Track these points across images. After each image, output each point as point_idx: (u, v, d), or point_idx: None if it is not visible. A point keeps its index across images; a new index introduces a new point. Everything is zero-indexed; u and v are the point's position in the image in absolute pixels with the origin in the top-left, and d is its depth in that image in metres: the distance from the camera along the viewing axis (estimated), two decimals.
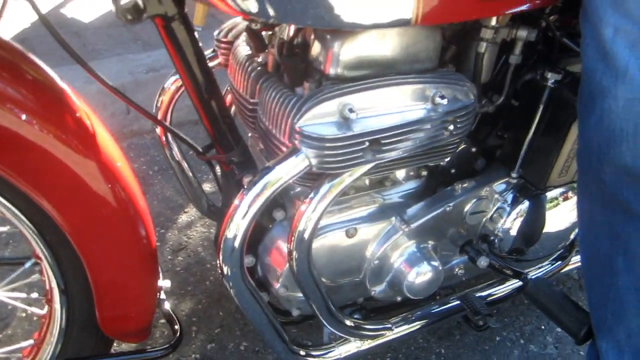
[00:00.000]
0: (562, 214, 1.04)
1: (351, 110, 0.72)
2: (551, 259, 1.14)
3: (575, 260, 1.17)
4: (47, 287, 0.83)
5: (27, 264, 0.85)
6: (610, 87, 0.68)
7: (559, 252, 1.13)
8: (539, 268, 1.14)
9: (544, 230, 1.03)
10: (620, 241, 0.75)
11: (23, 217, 0.73)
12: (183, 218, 1.52)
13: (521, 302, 1.31)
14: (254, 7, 0.65)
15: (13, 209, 0.72)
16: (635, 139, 0.68)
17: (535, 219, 1.01)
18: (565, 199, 1.03)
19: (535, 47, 0.92)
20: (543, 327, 1.27)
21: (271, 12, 0.65)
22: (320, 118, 0.72)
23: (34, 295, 0.97)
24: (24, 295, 0.92)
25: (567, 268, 1.17)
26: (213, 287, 1.32)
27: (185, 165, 1.12)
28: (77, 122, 0.73)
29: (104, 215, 0.75)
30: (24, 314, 1.18)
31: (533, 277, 1.07)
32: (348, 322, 0.94)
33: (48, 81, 0.75)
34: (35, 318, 1.10)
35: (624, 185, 0.71)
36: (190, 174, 1.14)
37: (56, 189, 0.71)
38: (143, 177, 1.64)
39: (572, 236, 1.09)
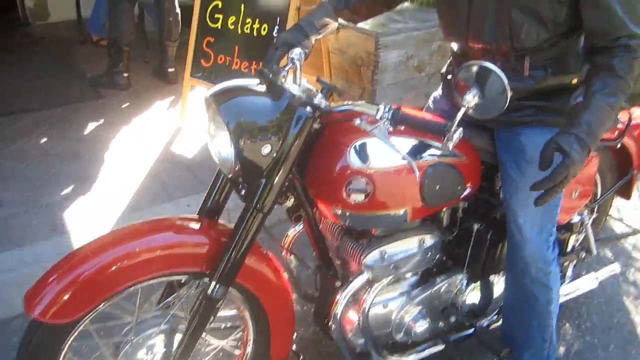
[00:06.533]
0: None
1: (384, 253, 1.69)
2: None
3: None
4: (244, 339, 1.75)
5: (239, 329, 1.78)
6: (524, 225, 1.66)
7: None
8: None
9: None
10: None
11: (248, 305, 1.67)
12: None
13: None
14: (342, 218, 1.61)
15: (244, 301, 1.66)
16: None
17: (483, 296, 1.96)
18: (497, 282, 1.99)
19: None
20: None
21: (348, 222, 1.61)
22: (372, 257, 1.69)
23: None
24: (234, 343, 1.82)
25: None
26: (307, 336, 2.24)
27: (295, 272, 2.07)
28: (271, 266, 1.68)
29: (278, 299, 1.68)
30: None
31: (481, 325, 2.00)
32: (387, 354, 1.85)
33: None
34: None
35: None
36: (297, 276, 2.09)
37: (265, 291, 1.65)
38: None
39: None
